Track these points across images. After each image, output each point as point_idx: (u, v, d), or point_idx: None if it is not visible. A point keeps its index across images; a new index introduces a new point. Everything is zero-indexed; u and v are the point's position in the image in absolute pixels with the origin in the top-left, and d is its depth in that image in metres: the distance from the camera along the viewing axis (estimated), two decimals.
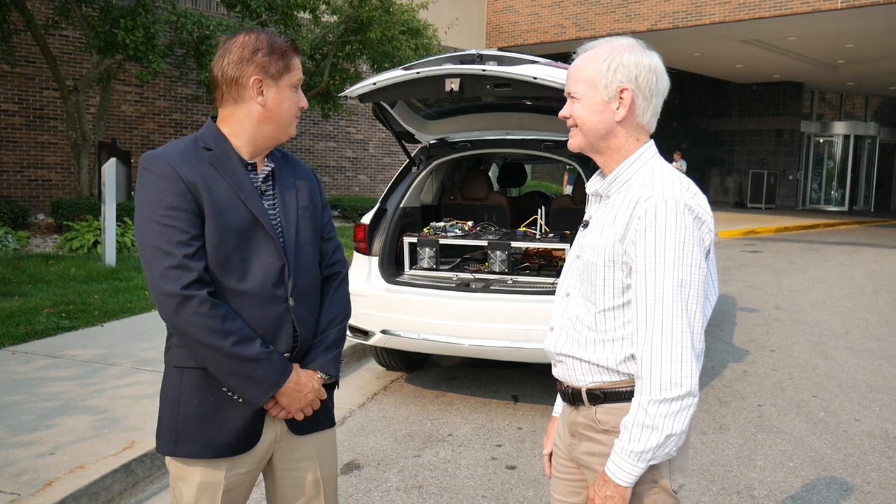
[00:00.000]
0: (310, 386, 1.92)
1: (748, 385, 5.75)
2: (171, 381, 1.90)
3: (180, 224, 1.78)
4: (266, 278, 1.87)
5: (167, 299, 1.76)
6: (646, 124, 1.79)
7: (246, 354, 1.79)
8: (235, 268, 1.84)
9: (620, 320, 1.73)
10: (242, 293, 1.84)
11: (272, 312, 1.88)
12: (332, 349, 2.00)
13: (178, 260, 1.76)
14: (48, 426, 4.09)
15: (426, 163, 5.58)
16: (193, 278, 1.76)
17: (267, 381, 1.83)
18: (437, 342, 4.84)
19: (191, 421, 1.86)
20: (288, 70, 1.89)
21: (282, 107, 1.90)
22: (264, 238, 1.88)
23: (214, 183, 1.84)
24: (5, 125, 12.70)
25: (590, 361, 1.77)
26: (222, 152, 1.89)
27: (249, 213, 1.86)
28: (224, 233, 1.82)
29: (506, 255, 5.16)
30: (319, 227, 2.06)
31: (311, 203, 2.03)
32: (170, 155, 1.84)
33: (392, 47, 13.33)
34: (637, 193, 1.71)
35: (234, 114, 1.91)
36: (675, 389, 1.61)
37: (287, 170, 2.03)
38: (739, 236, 17.60)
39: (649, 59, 1.75)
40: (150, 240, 1.79)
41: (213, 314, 1.76)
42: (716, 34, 18.36)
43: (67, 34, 12.77)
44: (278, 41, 1.89)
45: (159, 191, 1.80)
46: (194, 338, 1.77)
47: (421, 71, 4.51)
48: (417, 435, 4.61)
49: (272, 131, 1.92)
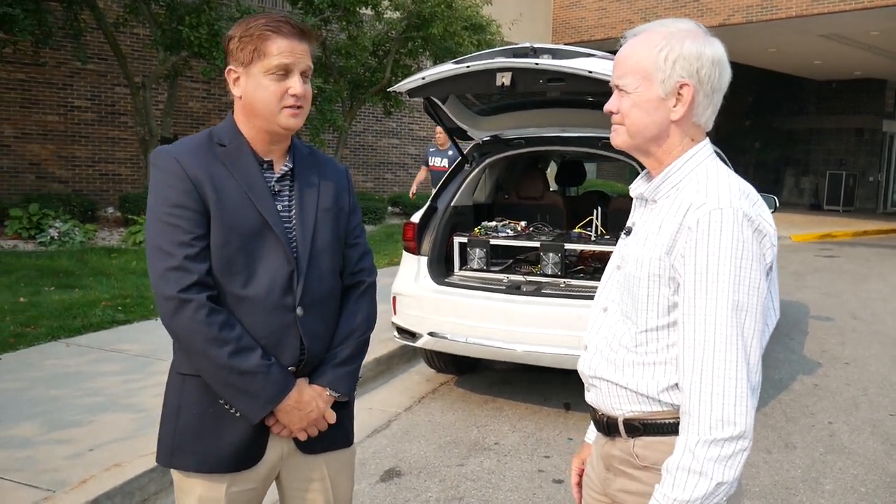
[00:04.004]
0: (313, 404, 1.77)
1: (818, 400, 5.38)
2: (172, 388, 1.79)
3: (184, 223, 1.66)
4: (272, 284, 1.73)
5: (165, 302, 1.65)
6: (703, 123, 1.57)
7: (242, 366, 1.66)
8: (239, 271, 1.71)
9: (664, 342, 1.53)
10: (246, 299, 1.71)
11: (277, 321, 1.73)
12: (345, 364, 1.84)
13: (178, 261, 1.64)
14: (89, 422, 4.08)
15: (479, 160, 5.41)
16: (192, 281, 1.64)
17: (264, 397, 1.69)
18: (486, 346, 4.67)
19: (189, 432, 1.74)
20: (261, 55, 1.71)
21: (255, 96, 1.73)
22: (273, 242, 1.74)
23: (223, 181, 1.72)
24: (78, 121, 13.05)
25: (628, 387, 1.57)
26: (236, 149, 1.77)
27: (258, 214, 1.73)
28: (229, 234, 1.69)
29: (559, 258, 4.95)
30: (343, 232, 1.91)
31: (336, 205, 1.88)
32: (179, 150, 1.73)
33: (454, 43, 13.16)
34: (688, 199, 1.49)
35: (235, 108, 1.80)
36: (727, 429, 1.39)
37: (311, 169, 1.87)
38: (814, 240, 16.84)
39: (712, 49, 1.53)
40: (154, 239, 1.68)
41: (209, 321, 1.64)
42: (792, 29, 17.59)
43: (138, 32, 13.03)
44: (255, 23, 1.72)
45: (165, 187, 1.69)
46: (190, 345, 1.66)
47: (471, 65, 4.34)
48: (462, 442, 4.44)
49: (262, 124, 1.77)
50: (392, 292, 5.12)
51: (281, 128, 1.76)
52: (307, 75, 1.78)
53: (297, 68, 1.74)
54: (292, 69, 1.73)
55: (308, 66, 1.77)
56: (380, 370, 5.69)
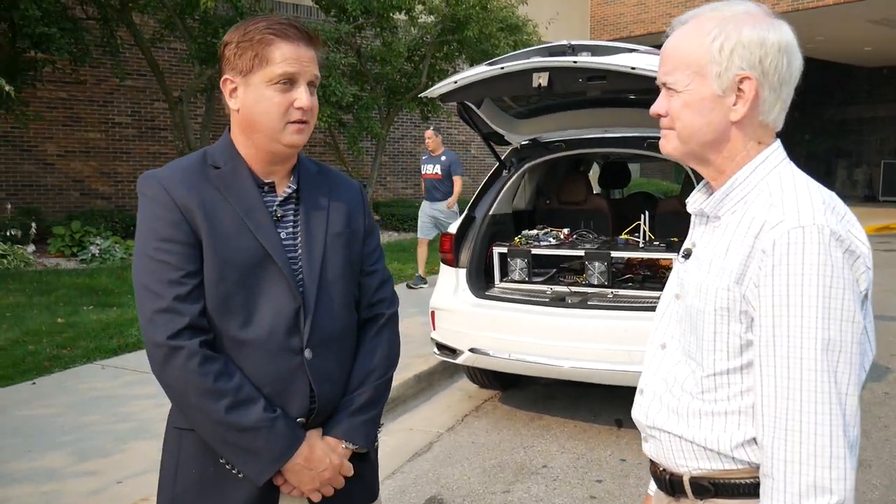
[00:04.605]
0: (326, 461, 1.54)
1: (892, 410, 5.00)
2: (169, 445, 1.58)
3: (173, 259, 1.46)
4: (275, 324, 1.51)
5: (154, 350, 1.46)
6: (771, 122, 1.31)
7: (242, 422, 1.44)
8: (237, 311, 1.50)
9: (737, 388, 1.27)
10: (246, 342, 1.50)
11: (283, 367, 1.52)
12: (362, 412, 1.61)
13: (167, 302, 1.44)
14: (119, 451, 3.94)
15: (517, 165, 5.16)
16: (183, 325, 1.44)
17: (268, 456, 1.47)
18: (530, 363, 4.42)
19: (189, 494, 1.53)
20: (263, 62, 1.49)
21: (255, 109, 1.52)
22: (276, 275, 1.52)
23: (217, 208, 1.51)
24: (120, 136, 13.16)
25: (694, 441, 1.31)
26: (231, 170, 1.56)
27: (257, 244, 1.51)
28: (224, 268, 1.49)
29: (605, 266, 4.67)
30: (358, 258, 1.68)
31: (348, 228, 1.65)
32: (167, 175, 1.53)
33: (490, 45, 12.92)
34: (760, 215, 1.24)
35: (232, 124, 1.59)
36: (821, 498, 1.13)
37: (319, 188, 1.65)
38: (872, 233, 16.15)
39: (778, 33, 1.27)
40: (141, 277, 1.48)
41: (203, 370, 1.43)
42: (841, 14, 16.95)
43: (175, 47, 13.08)
44: (255, 27, 1.51)
45: (152, 218, 1.49)
46: (182, 398, 1.46)
47: (505, 66, 4.10)
48: (508, 465, 4.20)
49: (263, 142, 1.55)
50: (430, 306, 4.91)
51: (284, 146, 1.55)
52: (314, 86, 1.56)
53: (303, 78, 1.52)
54: (298, 79, 1.52)
55: (315, 75, 1.56)
56: (420, 387, 5.47)
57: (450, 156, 9.16)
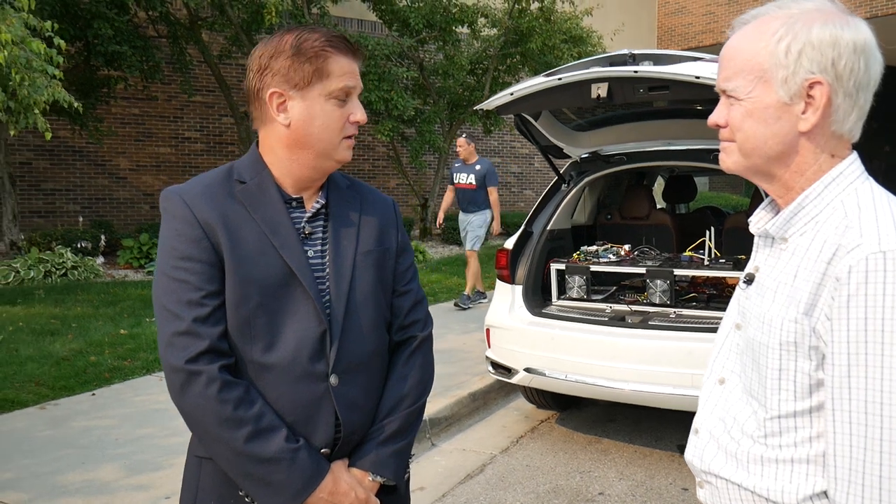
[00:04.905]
0: (352, 495, 1.45)
1: None
2: (188, 474, 1.51)
3: (193, 279, 1.39)
4: (300, 348, 1.42)
5: (172, 375, 1.38)
6: (846, 132, 1.15)
7: (262, 452, 1.36)
8: (260, 334, 1.41)
9: (805, 433, 1.12)
10: (269, 367, 1.41)
11: (307, 394, 1.43)
12: (391, 442, 1.51)
13: (186, 324, 1.37)
14: (171, 465, 3.93)
15: (577, 179, 5.01)
16: (203, 348, 1.36)
17: (290, 489, 1.38)
18: (588, 385, 4.24)
19: None
20: (321, 76, 1.43)
21: (313, 125, 1.44)
22: (301, 296, 1.43)
23: (241, 225, 1.43)
24: (188, 151, 13.48)
25: (755, 491, 1.16)
26: (258, 185, 1.48)
27: (283, 263, 1.43)
28: (246, 288, 1.40)
29: (667, 285, 4.47)
30: (390, 278, 1.59)
31: (380, 247, 1.56)
32: (189, 190, 1.45)
33: (554, 57, 12.78)
34: (834, 238, 1.09)
35: (266, 138, 1.50)
36: None
37: (350, 204, 1.57)
38: None
39: (853, 32, 1.11)
40: (160, 297, 1.42)
41: (222, 397, 1.35)
42: None
43: (242, 63, 13.33)
44: (309, 38, 1.43)
45: (173, 235, 1.42)
46: (201, 426, 1.38)
47: (564, 76, 3.97)
48: (563, 491, 4.03)
49: (311, 159, 1.47)
50: (485, 323, 4.79)
51: (337, 161, 1.50)
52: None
53: (356, 92, 1.49)
54: (352, 93, 1.48)
55: (361, 88, 1.51)
56: (475, 406, 5.34)
57: (485, 164, 8.35)
